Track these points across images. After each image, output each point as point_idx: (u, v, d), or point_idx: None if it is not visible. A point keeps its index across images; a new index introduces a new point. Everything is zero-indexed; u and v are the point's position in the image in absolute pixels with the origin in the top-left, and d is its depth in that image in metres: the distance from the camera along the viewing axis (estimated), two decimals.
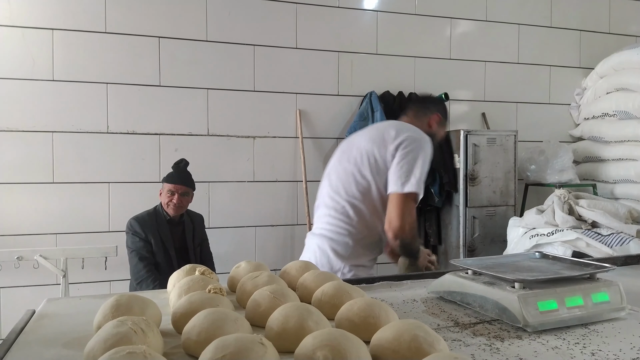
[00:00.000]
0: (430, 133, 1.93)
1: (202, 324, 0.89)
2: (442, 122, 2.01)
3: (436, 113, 1.99)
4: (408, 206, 1.71)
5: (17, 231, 3.16)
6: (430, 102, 2.05)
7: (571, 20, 4.38)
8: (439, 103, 2.07)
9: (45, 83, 3.20)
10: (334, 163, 1.99)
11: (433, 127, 1.98)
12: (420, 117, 1.97)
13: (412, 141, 1.79)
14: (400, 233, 1.71)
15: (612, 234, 2.97)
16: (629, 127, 3.74)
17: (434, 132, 1.98)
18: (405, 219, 1.70)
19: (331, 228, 1.86)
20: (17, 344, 0.95)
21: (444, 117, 2.02)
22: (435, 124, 1.98)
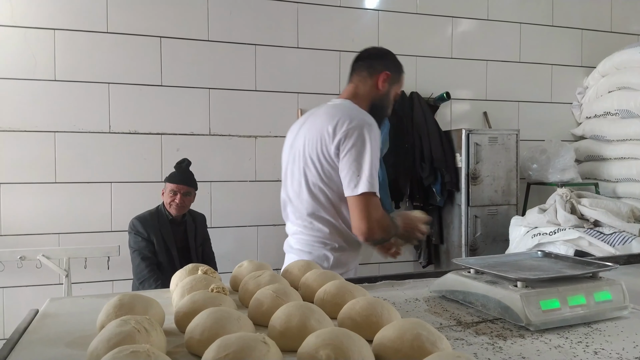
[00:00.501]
0: (380, 96, 1.76)
1: (205, 323, 0.89)
2: (392, 79, 1.77)
3: (383, 71, 1.75)
4: (368, 205, 1.58)
5: (20, 231, 3.16)
6: (375, 59, 1.79)
7: (573, 18, 4.37)
8: (385, 57, 1.80)
9: (47, 83, 3.20)
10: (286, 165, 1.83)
11: (382, 88, 1.76)
12: (366, 80, 1.76)
13: (352, 134, 1.60)
14: (370, 234, 1.60)
15: (614, 232, 2.97)
16: (631, 126, 3.73)
17: (384, 93, 1.77)
18: (370, 218, 1.58)
19: (306, 244, 1.74)
20: (21, 343, 0.96)
21: (396, 72, 1.78)
22: (384, 84, 1.76)
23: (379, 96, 1.77)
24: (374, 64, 1.77)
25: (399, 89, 1.83)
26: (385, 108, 1.80)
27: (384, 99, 1.78)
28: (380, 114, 1.79)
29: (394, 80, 1.78)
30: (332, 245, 1.72)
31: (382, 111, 1.80)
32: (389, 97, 1.79)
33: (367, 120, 1.64)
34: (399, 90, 1.83)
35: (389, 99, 1.79)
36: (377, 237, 1.65)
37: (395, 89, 1.81)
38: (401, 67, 1.82)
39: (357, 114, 1.66)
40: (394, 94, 1.80)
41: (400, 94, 1.85)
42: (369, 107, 1.75)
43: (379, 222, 1.60)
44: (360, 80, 1.78)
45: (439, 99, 3.91)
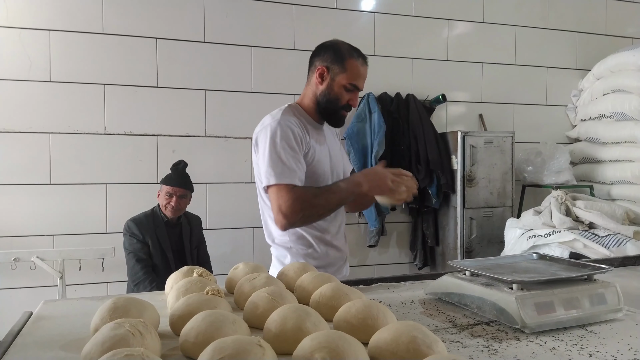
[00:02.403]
0: (322, 93, 1.70)
1: (199, 326, 0.88)
2: (332, 71, 1.68)
3: (318, 66, 1.70)
4: (274, 197, 1.59)
5: (14, 232, 3.15)
6: (313, 56, 1.75)
7: (568, 21, 4.39)
8: (320, 50, 1.72)
9: (42, 84, 3.19)
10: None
11: (320, 85, 1.70)
12: (309, 81, 1.76)
13: (258, 136, 1.68)
14: (282, 221, 1.58)
15: (609, 235, 2.98)
16: (626, 129, 3.75)
17: (325, 89, 1.69)
18: (279, 208, 1.57)
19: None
20: (14, 346, 0.95)
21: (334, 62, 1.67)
22: (320, 79, 1.70)
23: (321, 93, 1.71)
24: (312, 62, 1.75)
25: (349, 78, 1.67)
26: (332, 102, 1.70)
27: (327, 94, 1.70)
28: (331, 111, 1.72)
29: (334, 72, 1.68)
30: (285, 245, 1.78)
31: (332, 106, 1.71)
32: (333, 91, 1.69)
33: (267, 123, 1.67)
34: (350, 79, 1.67)
35: (333, 92, 1.69)
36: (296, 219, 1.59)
37: (341, 80, 1.67)
38: (342, 53, 1.68)
39: (265, 120, 1.71)
40: (341, 85, 1.68)
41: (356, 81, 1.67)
42: (317, 107, 1.73)
43: (285, 204, 1.56)
44: (307, 81, 1.78)
45: (434, 101, 3.91)
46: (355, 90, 1.71)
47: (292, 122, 1.67)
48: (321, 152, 1.74)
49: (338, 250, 1.82)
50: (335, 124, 1.80)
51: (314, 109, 1.75)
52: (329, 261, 1.78)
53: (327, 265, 1.77)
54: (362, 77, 1.71)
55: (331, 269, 1.78)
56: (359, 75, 1.69)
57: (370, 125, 3.66)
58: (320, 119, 1.78)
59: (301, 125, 1.69)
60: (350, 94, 1.70)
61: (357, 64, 1.69)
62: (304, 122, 1.73)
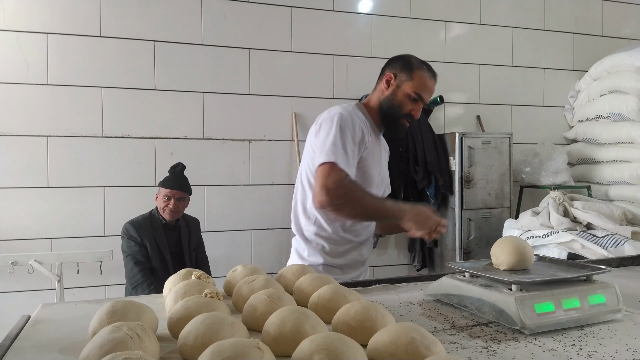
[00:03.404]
0: (386, 98, 1.77)
1: (198, 328, 0.88)
2: (399, 79, 1.76)
3: (388, 72, 1.78)
4: (325, 174, 1.60)
5: (12, 236, 3.14)
6: (385, 65, 1.83)
7: (565, 23, 4.40)
8: (393, 60, 1.81)
9: (39, 87, 3.19)
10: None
11: (386, 90, 1.78)
12: (377, 86, 1.83)
13: (324, 120, 1.73)
14: (320, 198, 1.59)
15: (607, 235, 2.98)
16: (623, 129, 3.76)
17: (389, 95, 1.77)
18: (325, 184, 1.59)
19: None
20: (12, 349, 0.94)
21: (402, 70, 1.76)
22: (387, 85, 1.78)
23: (385, 98, 1.78)
24: (383, 70, 1.82)
25: (414, 87, 1.74)
26: (395, 109, 1.77)
27: (390, 100, 1.77)
28: (392, 117, 1.78)
29: (400, 79, 1.76)
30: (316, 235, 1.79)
31: (392, 112, 1.77)
32: (397, 97, 1.76)
33: (337, 111, 1.71)
34: (411, 89, 1.74)
35: (397, 99, 1.76)
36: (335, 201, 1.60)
37: (406, 88, 1.74)
38: (411, 64, 1.76)
39: (334, 109, 1.75)
40: (405, 93, 1.74)
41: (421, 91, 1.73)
42: (379, 112, 1.80)
43: (334, 184, 1.58)
44: (375, 88, 1.84)
45: (432, 103, 3.92)
46: (419, 101, 1.75)
47: (360, 119, 1.74)
48: (374, 157, 1.79)
49: (360, 255, 1.85)
50: (394, 132, 1.83)
51: (376, 113, 1.80)
52: (347, 263, 1.81)
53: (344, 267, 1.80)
54: (428, 89, 1.76)
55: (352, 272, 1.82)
56: (425, 87, 1.75)
57: None
58: (380, 126, 1.83)
59: (367, 125, 1.76)
60: (413, 104, 1.75)
61: (425, 75, 1.75)
62: (369, 123, 1.79)
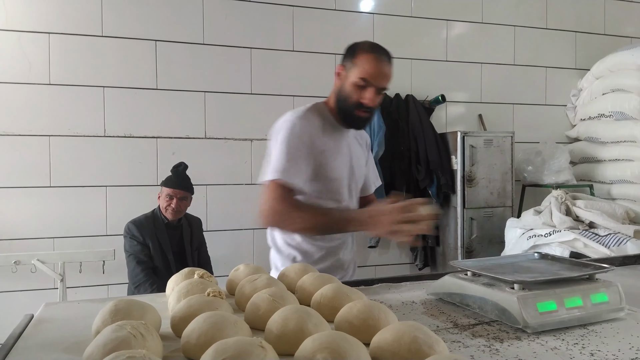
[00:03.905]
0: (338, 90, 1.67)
1: (201, 327, 0.88)
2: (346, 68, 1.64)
3: (338, 64, 1.68)
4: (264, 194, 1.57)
5: (15, 235, 3.14)
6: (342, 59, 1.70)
7: (566, 21, 4.40)
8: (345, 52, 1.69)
9: (41, 87, 3.19)
10: None
11: (337, 83, 1.68)
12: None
13: (276, 132, 1.69)
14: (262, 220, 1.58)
15: (609, 234, 2.98)
16: (625, 128, 3.75)
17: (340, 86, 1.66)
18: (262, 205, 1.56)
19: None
20: (16, 348, 0.95)
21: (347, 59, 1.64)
22: (337, 77, 1.68)
23: (338, 92, 1.68)
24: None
25: (359, 72, 1.59)
26: (344, 101, 1.65)
27: (341, 93, 1.66)
28: (345, 110, 1.66)
29: (347, 68, 1.64)
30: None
31: (344, 105, 1.65)
32: (345, 88, 1.64)
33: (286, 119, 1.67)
34: (360, 73, 1.59)
35: (345, 89, 1.64)
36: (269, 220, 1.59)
37: (352, 75, 1.61)
38: (355, 49, 1.64)
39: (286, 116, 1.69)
40: (351, 81, 1.61)
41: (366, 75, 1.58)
42: (336, 103, 1.69)
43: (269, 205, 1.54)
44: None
45: (434, 102, 3.92)
46: (369, 86, 1.60)
47: (311, 122, 1.65)
48: (338, 158, 1.68)
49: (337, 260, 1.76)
50: (351, 126, 1.71)
51: (335, 109, 1.70)
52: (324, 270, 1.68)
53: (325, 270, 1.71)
54: (374, 71, 1.58)
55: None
56: (370, 69, 1.58)
57: (369, 126, 3.66)
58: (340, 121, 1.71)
59: (320, 127, 1.66)
60: (362, 91, 1.60)
61: (370, 57, 1.59)
62: (327, 123, 1.69)
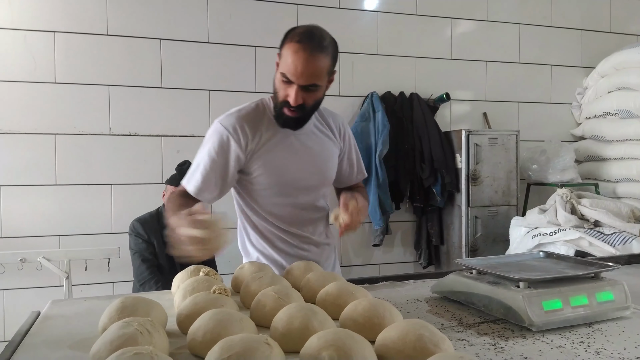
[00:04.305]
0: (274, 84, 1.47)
1: (207, 324, 0.89)
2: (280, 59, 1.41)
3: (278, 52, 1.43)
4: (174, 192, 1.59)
5: (20, 233, 3.16)
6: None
7: (572, 19, 4.38)
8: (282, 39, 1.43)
9: (47, 85, 3.20)
10: None
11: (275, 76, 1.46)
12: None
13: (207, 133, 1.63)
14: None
15: (614, 233, 2.97)
16: (631, 126, 3.74)
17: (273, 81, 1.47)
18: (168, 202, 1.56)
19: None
20: (23, 345, 0.96)
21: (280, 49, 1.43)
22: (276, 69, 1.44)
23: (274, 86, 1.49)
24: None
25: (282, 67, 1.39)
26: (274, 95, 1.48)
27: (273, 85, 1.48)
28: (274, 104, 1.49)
29: (279, 59, 1.42)
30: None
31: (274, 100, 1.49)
32: (274, 81, 1.46)
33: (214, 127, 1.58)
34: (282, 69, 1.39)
35: (274, 83, 1.46)
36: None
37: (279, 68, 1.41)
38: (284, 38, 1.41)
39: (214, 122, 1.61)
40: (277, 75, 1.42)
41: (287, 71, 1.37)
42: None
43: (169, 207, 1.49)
44: None
45: (438, 100, 3.91)
46: (290, 84, 1.38)
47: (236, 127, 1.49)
48: (283, 158, 1.51)
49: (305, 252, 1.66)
50: (282, 124, 1.49)
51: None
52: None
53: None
54: (296, 67, 1.34)
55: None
56: (291, 65, 1.34)
57: (374, 125, 3.66)
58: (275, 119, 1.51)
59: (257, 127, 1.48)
60: (287, 88, 1.39)
61: (294, 49, 1.34)
62: (266, 123, 1.51)
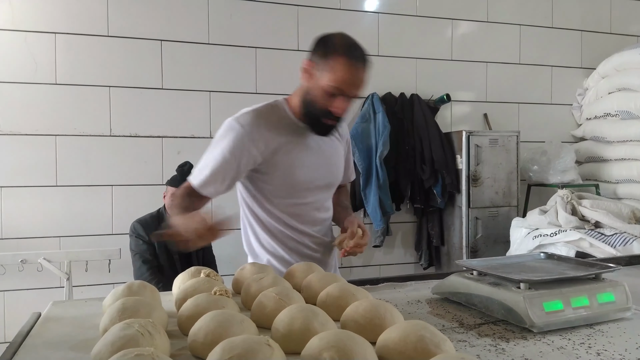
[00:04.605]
0: (305, 90, 1.46)
1: (208, 325, 0.89)
2: (316, 67, 1.40)
3: (306, 59, 1.44)
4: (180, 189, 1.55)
5: (21, 234, 3.16)
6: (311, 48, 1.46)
7: (572, 20, 4.38)
8: (317, 42, 1.44)
9: (47, 87, 3.21)
10: None
11: (304, 81, 1.46)
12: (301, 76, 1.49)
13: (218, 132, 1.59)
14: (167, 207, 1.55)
15: (615, 234, 2.97)
16: (631, 127, 3.74)
17: (308, 86, 1.44)
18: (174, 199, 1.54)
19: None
20: (24, 347, 0.96)
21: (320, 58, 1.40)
22: (305, 75, 1.44)
23: (304, 92, 1.47)
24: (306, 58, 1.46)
25: (331, 79, 1.37)
26: (311, 105, 1.44)
27: (307, 95, 1.45)
28: (312, 115, 1.46)
29: (318, 68, 1.40)
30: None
31: (311, 109, 1.45)
32: (313, 91, 1.42)
33: (229, 124, 1.55)
34: (332, 80, 1.37)
35: (313, 94, 1.42)
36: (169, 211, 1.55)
37: (322, 80, 1.38)
38: (329, 47, 1.39)
39: (230, 119, 1.59)
40: (321, 86, 1.39)
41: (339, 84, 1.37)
42: (301, 105, 1.49)
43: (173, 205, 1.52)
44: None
45: (439, 101, 3.91)
46: (341, 96, 1.39)
47: (253, 126, 1.49)
48: (299, 158, 1.52)
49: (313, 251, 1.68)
50: (317, 132, 1.51)
51: (299, 109, 1.50)
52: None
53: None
54: (349, 80, 1.37)
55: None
56: (344, 78, 1.36)
57: (374, 126, 3.66)
58: (301, 118, 1.52)
59: (272, 129, 1.49)
60: (332, 99, 1.40)
61: (345, 62, 1.36)
62: (283, 124, 1.52)
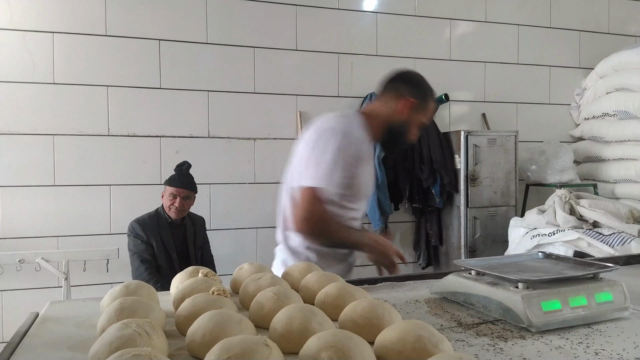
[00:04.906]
0: (398, 121, 1.70)
1: (206, 325, 0.89)
2: (416, 107, 1.70)
3: (407, 97, 1.69)
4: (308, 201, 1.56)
5: (19, 234, 3.16)
6: (404, 83, 1.73)
7: (570, 20, 4.38)
8: (414, 83, 1.74)
9: (46, 86, 3.20)
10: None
11: (401, 114, 1.70)
12: (388, 102, 1.72)
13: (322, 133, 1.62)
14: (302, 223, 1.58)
15: (613, 233, 2.97)
16: (629, 127, 3.74)
17: (403, 119, 1.70)
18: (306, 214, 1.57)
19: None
20: (22, 346, 0.95)
21: (422, 100, 1.71)
22: (405, 109, 1.69)
23: (398, 121, 1.71)
24: (401, 88, 1.72)
25: (425, 118, 1.74)
26: (402, 134, 1.74)
27: (402, 125, 1.72)
28: (397, 139, 1.76)
29: (418, 109, 1.70)
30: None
31: (399, 137, 1.75)
32: (409, 125, 1.72)
33: (338, 127, 1.62)
34: (424, 119, 1.74)
35: (408, 126, 1.72)
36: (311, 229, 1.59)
37: (419, 117, 1.72)
38: (429, 95, 1.75)
39: (333, 120, 1.66)
40: (417, 123, 1.73)
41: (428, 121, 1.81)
42: (385, 129, 1.72)
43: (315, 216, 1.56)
44: (384, 101, 1.74)
45: (437, 101, 3.88)
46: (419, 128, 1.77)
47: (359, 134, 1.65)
48: (365, 169, 1.70)
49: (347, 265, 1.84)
50: (392, 150, 1.91)
51: (380, 128, 1.72)
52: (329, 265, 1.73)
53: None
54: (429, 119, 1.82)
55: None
56: (429, 117, 1.80)
57: None
58: (377, 138, 1.74)
59: (362, 138, 1.66)
60: (416, 131, 1.76)
61: (434, 108, 1.80)
62: (364, 134, 1.69)
